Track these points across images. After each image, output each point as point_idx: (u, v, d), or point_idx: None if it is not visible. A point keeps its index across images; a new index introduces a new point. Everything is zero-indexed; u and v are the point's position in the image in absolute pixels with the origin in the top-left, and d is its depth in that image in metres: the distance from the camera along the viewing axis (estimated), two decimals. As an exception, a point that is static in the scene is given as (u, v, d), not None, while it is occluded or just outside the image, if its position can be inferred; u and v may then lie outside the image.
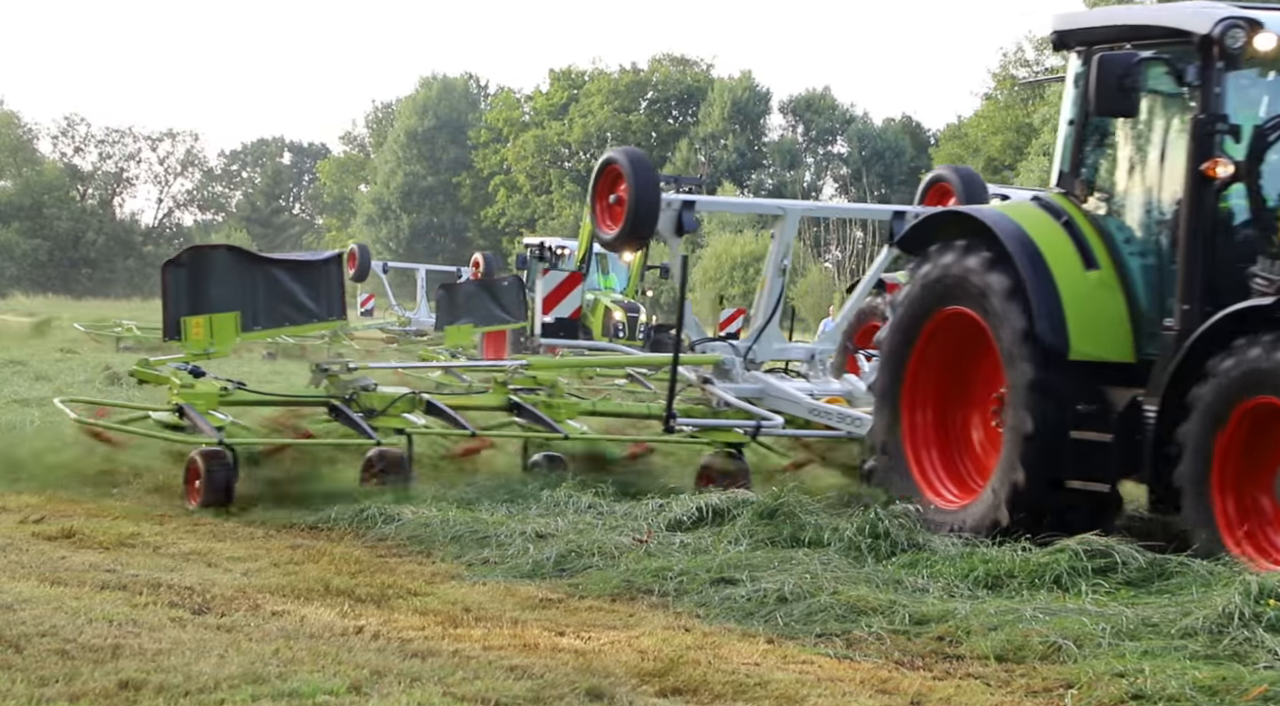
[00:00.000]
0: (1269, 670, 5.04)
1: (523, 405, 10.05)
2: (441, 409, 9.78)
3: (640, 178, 10.23)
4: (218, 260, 10.21)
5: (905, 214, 10.99)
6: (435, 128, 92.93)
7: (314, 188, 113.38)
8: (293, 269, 10.59)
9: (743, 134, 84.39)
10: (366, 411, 9.44)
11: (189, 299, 9.88)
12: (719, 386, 10.42)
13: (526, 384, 10.49)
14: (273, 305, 10.31)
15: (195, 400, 9.25)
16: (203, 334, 9.76)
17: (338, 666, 5.12)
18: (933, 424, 8.61)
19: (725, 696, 5.00)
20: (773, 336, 10.93)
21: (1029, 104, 63.72)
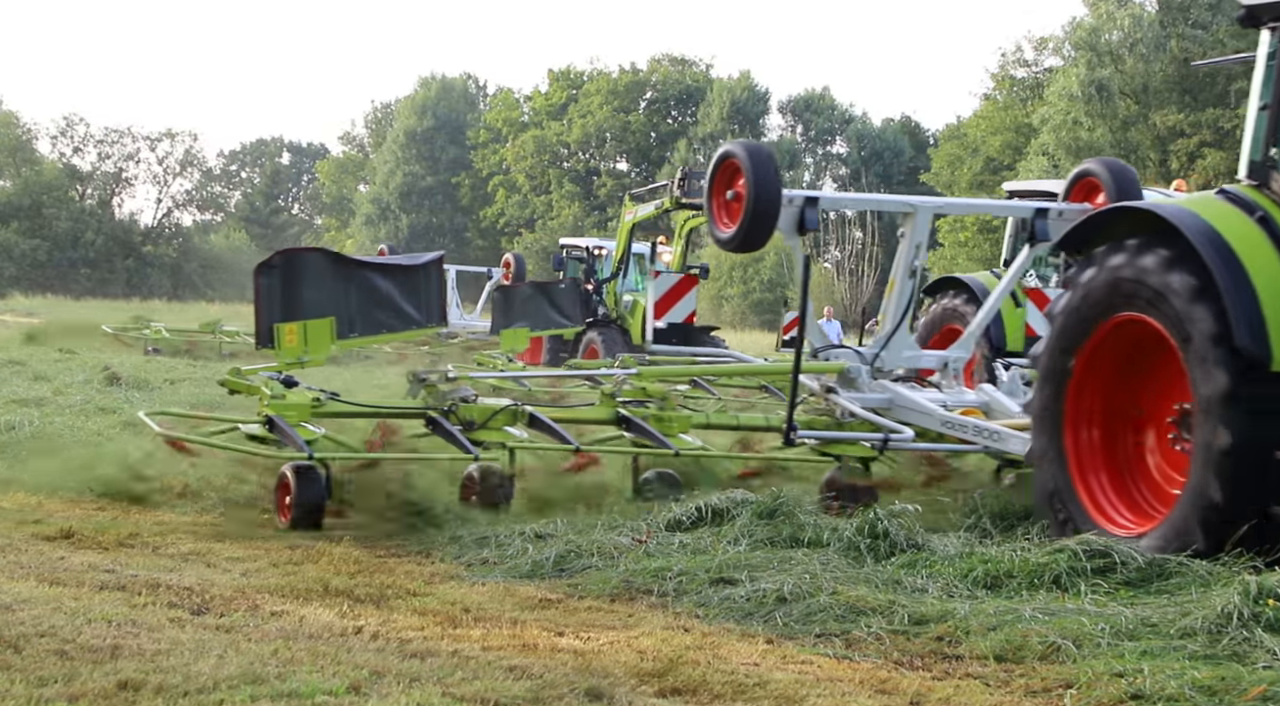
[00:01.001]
0: (1268, 670, 5.04)
1: (631, 418, 9.49)
2: (545, 422, 9.27)
3: (760, 173, 9.54)
4: (311, 263, 9.75)
5: (1048, 211, 10.33)
6: (434, 128, 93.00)
7: (313, 188, 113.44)
8: (390, 273, 10.14)
9: (742, 134, 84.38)
10: (465, 424, 9.00)
11: (282, 304, 9.38)
12: (843, 396, 9.76)
13: (635, 395, 9.86)
14: (369, 311, 9.84)
15: (286, 411, 8.75)
16: (296, 341, 9.25)
17: (337, 666, 5.12)
18: (1100, 444, 7.81)
19: (724, 696, 5.00)
20: (902, 343, 10.26)
21: (1028, 104, 63.75)
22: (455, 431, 8.89)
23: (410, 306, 10.05)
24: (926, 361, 10.58)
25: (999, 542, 7.41)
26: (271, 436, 8.73)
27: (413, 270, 10.28)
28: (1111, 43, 58.62)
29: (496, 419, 9.08)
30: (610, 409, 9.71)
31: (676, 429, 9.47)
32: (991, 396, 9.89)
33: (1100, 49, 58.50)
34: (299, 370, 9.35)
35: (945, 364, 10.46)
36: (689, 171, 22.03)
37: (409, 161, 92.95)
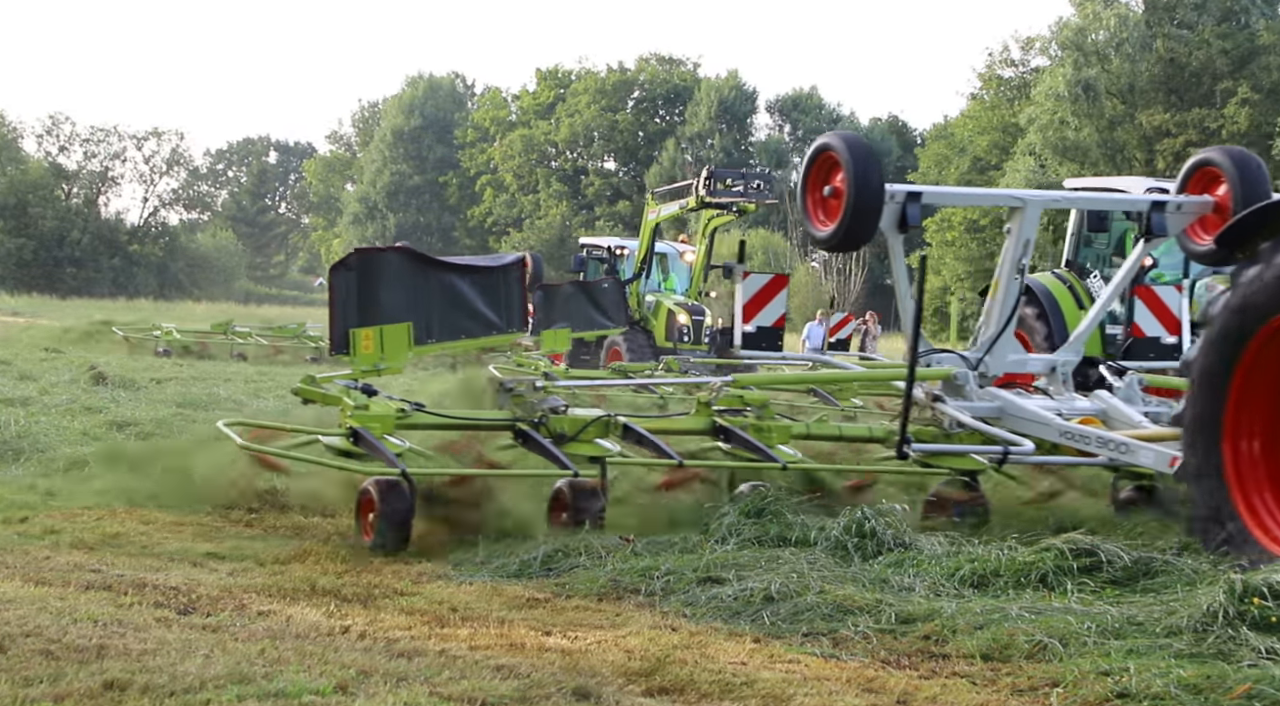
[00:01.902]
0: (1253, 668, 5.05)
1: (731, 429, 8.84)
2: (641, 434, 8.65)
3: (860, 166, 8.97)
4: (389, 264, 9.23)
5: (1165, 205, 9.67)
6: (422, 127, 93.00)
7: (300, 187, 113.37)
8: (471, 275, 9.64)
9: (729, 133, 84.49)
10: (556, 436, 8.42)
11: (358, 307, 8.90)
12: (951, 405, 9.07)
13: (732, 404, 9.25)
14: (448, 315, 9.39)
15: (370, 423, 8.16)
16: (373, 348, 8.79)
17: (324, 666, 5.11)
18: (1263, 458, 7.09)
19: (712, 695, 5.00)
20: (1007, 346, 9.58)
21: (1015, 104, 63.88)
22: (548, 444, 8.31)
23: (490, 310, 9.61)
24: (1033, 366, 10.04)
25: (985, 541, 7.41)
26: (356, 450, 8.17)
27: (493, 272, 9.83)
28: (1098, 42, 58.78)
29: (588, 431, 8.51)
30: (706, 418, 9.09)
31: (776, 440, 8.82)
32: (1109, 404, 9.17)
33: (1087, 49, 58.64)
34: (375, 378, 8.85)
35: (1053, 368, 9.81)
36: (714, 170, 21.70)
37: (396, 160, 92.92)
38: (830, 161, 9.23)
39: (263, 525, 8.52)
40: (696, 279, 24.36)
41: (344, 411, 8.34)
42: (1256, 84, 55.38)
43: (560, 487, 8.11)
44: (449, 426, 8.82)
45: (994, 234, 61.32)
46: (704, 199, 21.60)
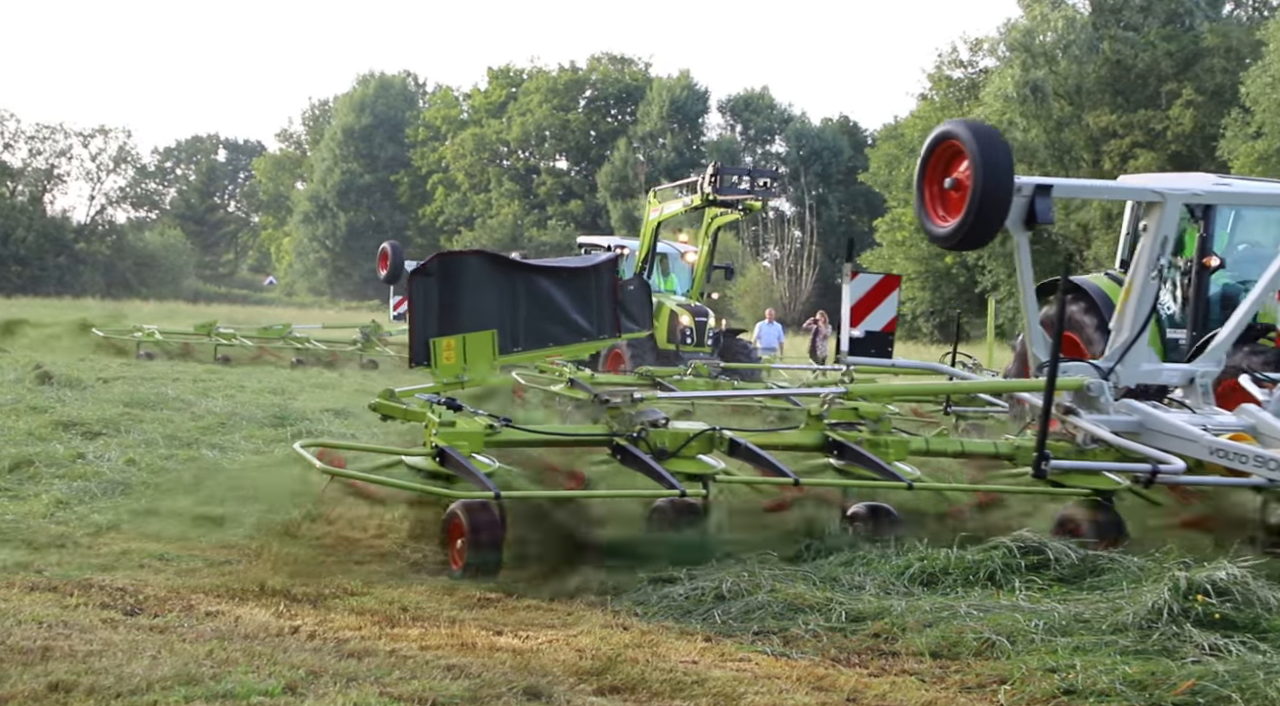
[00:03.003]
0: (1196, 665, 5.11)
1: (845, 444, 8.21)
2: (750, 449, 7.97)
3: (988, 156, 8.21)
4: (471, 268, 8.67)
5: None
6: (373, 125, 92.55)
7: (249, 185, 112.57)
8: (559, 277, 9.04)
9: (681, 133, 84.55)
10: (656, 452, 7.74)
11: (439, 315, 8.36)
12: (1087, 418, 8.38)
13: (845, 417, 8.56)
14: (535, 321, 8.82)
15: (457, 441, 7.53)
16: (455, 358, 8.23)
17: (273, 667, 5.08)
18: None
19: (663, 694, 5.01)
20: (1141, 355, 8.88)
21: (964, 105, 64.28)
22: (650, 460, 7.63)
23: (580, 315, 9.06)
24: (1169, 376, 9.21)
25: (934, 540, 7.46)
26: (443, 470, 7.55)
27: (583, 273, 9.20)
28: (1045, 44, 59.25)
29: (690, 446, 7.84)
30: (818, 432, 8.42)
31: (893, 455, 8.15)
32: (1258, 418, 8.40)
33: (1034, 50, 59.11)
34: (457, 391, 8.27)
35: (1191, 379, 8.99)
36: (721, 167, 21.15)
37: (347, 159, 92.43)
38: (952, 151, 8.55)
39: (209, 524, 8.42)
40: (699, 279, 23.50)
41: (428, 429, 7.70)
42: (1200, 86, 55.95)
43: (661, 507, 7.56)
44: (542, 442, 8.07)
45: (944, 234, 61.62)
46: (710, 196, 20.92)
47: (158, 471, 9.85)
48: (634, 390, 8.36)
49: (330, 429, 13.07)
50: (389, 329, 29.09)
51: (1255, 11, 62.08)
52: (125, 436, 11.79)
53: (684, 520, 7.45)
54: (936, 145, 8.69)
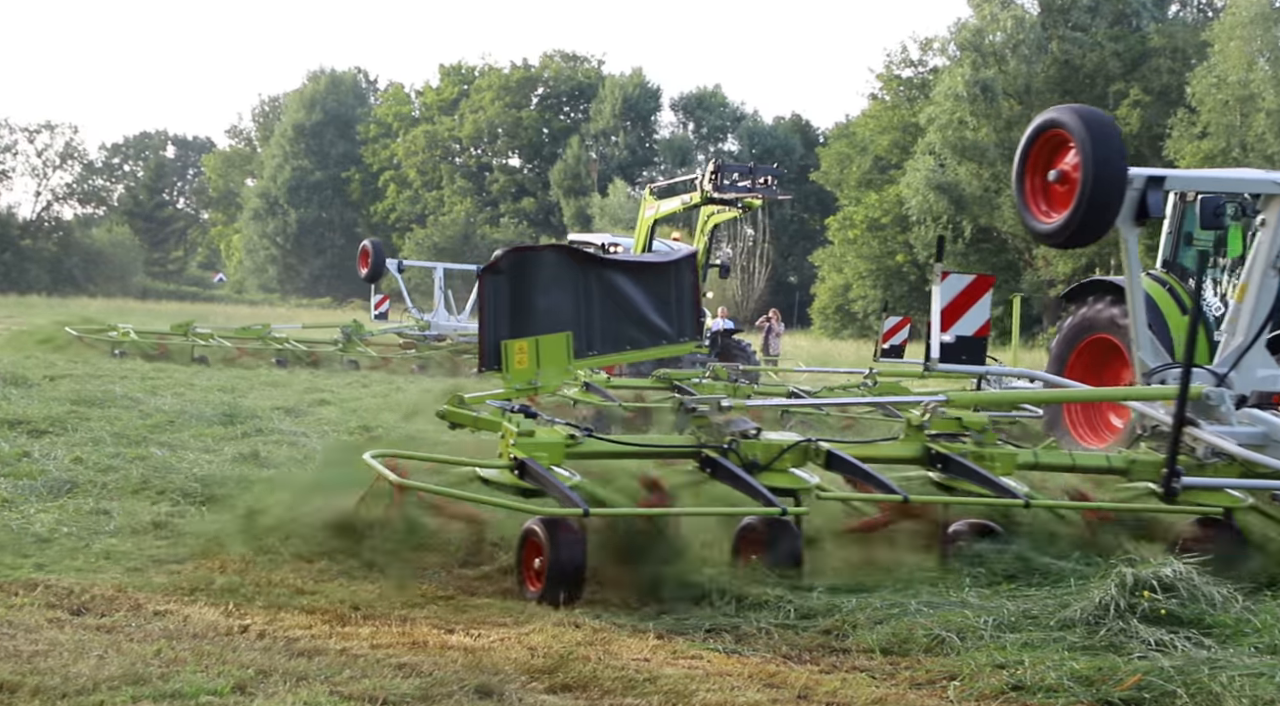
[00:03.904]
0: (1143, 660, 5.17)
1: (951, 456, 7.57)
2: (851, 463, 7.34)
3: (1100, 145, 7.52)
4: (545, 264, 8.07)
5: None
6: (323, 122, 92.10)
7: (199, 182, 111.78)
8: (637, 273, 8.40)
9: (634, 131, 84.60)
10: (747, 464, 7.16)
11: (511, 316, 7.79)
12: (1208, 430, 7.77)
13: (948, 427, 7.89)
14: (612, 323, 8.21)
15: (537, 452, 6.97)
16: (527, 362, 7.70)
17: (222, 666, 5.05)
18: None
19: (615, 692, 5.01)
20: (1257, 360, 8.37)
21: (914, 104, 64.65)
22: (744, 475, 7.02)
23: (659, 317, 8.43)
24: None
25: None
26: (523, 484, 7.00)
27: (663, 270, 8.59)
28: (995, 44, 59.69)
29: (783, 458, 7.25)
30: (918, 444, 7.80)
31: (1000, 469, 7.54)
32: None
33: (984, 50, 59.54)
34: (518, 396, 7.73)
35: None
36: (722, 164, 20.62)
37: (297, 156, 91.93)
38: (1058, 140, 7.91)
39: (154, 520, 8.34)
40: None
41: (505, 439, 7.13)
42: (1147, 86, 56.51)
43: (752, 524, 6.92)
44: (627, 454, 7.50)
45: (894, 232, 62.07)
46: (710, 194, 20.38)
47: (105, 470, 9.74)
48: (721, 398, 7.74)
49: (281, 427, 12.99)
50: (370, 329, 28.81)
51: (1200, 13, 62.80)
52: (72, 435, 11.67)
53: (778, 541, 6.74)
54: (1039, 134, 8.10)
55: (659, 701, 4.92)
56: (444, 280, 31.92)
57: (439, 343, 28.12)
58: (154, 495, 8.94)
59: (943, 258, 11.98)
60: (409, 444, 8.78)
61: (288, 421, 13.79)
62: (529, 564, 6.63)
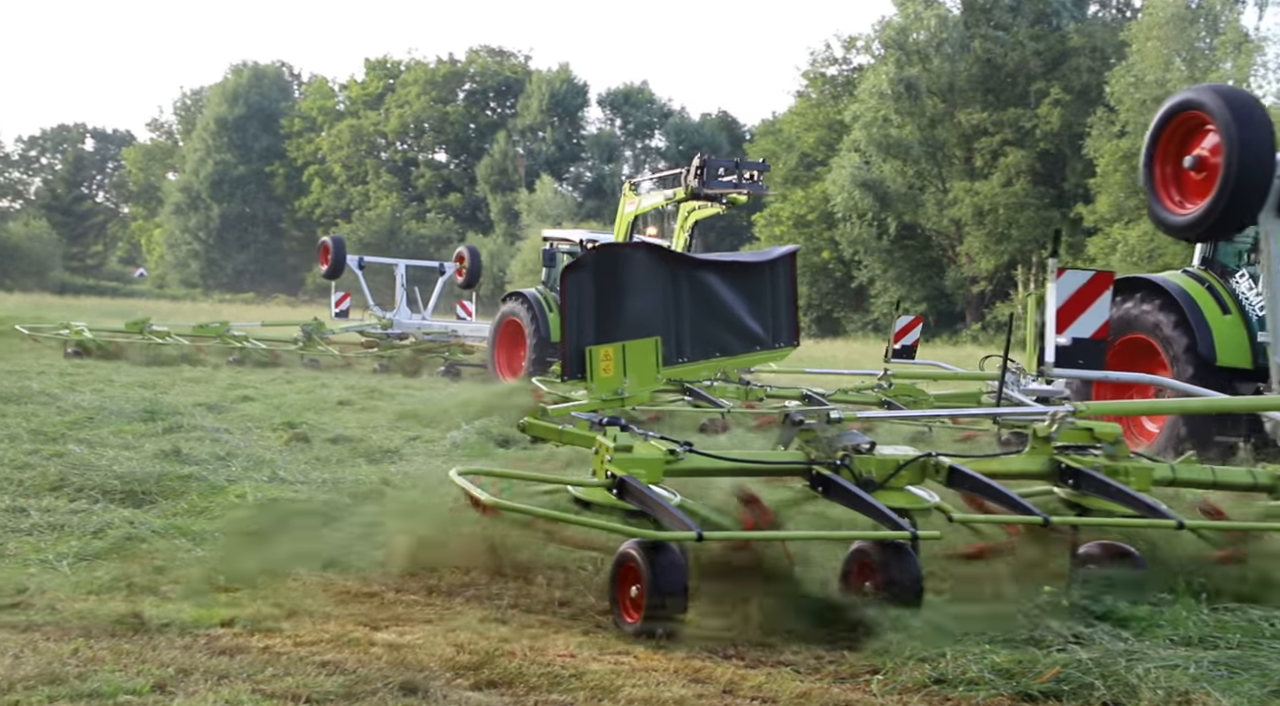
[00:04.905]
0: (1062, 653, 5.23)
1: (1084, 471, 6.85)
2: (977, 480, 6.61)
3: (1246, 128, 6.81)
4: (634, 263, 7.56)
5: None
6: (246, 116, 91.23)
7: (119, 175, 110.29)
8: (731, 273, 7.87)
9: (561, 126, 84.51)
10: (861, 482, 6.50)
11: (596, 320, 7.31)
12: None
13: (1079, 439, 7.13)
14: (703, 327, 7.75)
15: (635, 469, 6.34)
16: (613, 369, 7.17)
17: (141, 665, 4.98)
18: None
19: (540, 688, 5.00)
20: None
21: (840, 101, 65.08)
22: (864, 495, 6.34)
23: (754, 321, 7.95)
24: None
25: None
26: (621, 504, 6.36)
27: (757, 270, 8.03)
28: (919, 42, 60.25)
29: (900, 475, 6.57)
30: (1045, 457, 7.07)
31: (1135, 485, 6.83)
32: None
33: (908, 48, 60.09)
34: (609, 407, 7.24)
35: None
36: (707, 159, 20.19)
37: (220, 149, 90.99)
38: (1194, 123, 7.27)
39: (75, 512, 8.22)
40: None
41: (600, 455, 6.50)
42: (1068, 85, 57.28)
43: (864, 548, 6.17)
44: (731, 471, 6.81)
45: (820, 229, 62.45)
46: (695, 189, 19.98)
47: (22, 467, 9.58)
48: (830, 408, 7.00)
49: (203, 423, 12.85)
50: (331, 327, 28.28)
51: (1119, 13, 63.73)
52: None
53: (896, 568, 6.05)
54: (1173, 116, 7.32)
55: (584, 697, 4.92)
56: (405, 277, 31.29)
57: (401, 342, 27.62)
58: (72, 492, 8.80)
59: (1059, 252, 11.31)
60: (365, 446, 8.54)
61: (210, 418, 13.64)
62: (624, 592, 5.97)
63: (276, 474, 9.53)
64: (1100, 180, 52.49)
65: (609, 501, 6.38)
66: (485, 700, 4.84)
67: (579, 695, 4.95)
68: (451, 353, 26.38)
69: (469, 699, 4.85)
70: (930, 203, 60.05)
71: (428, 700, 4.80)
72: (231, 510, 8.23)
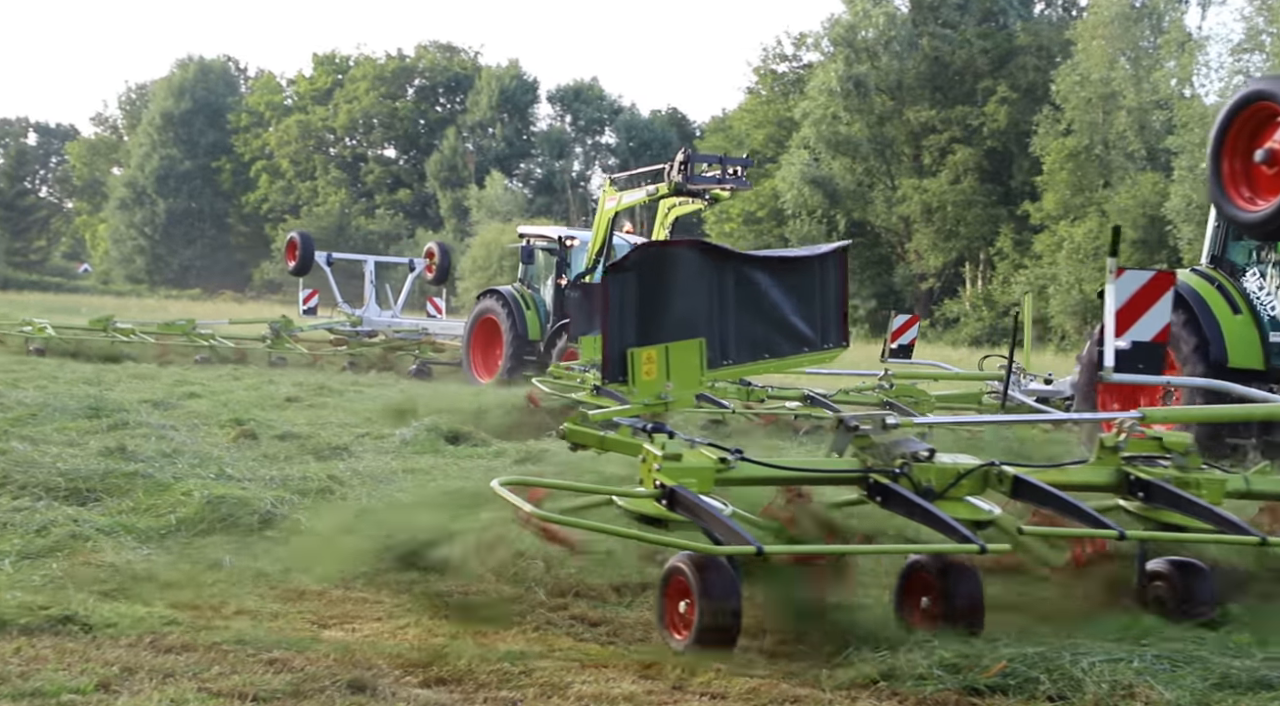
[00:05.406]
0: (1008, 647, 5.28)
1: (1155, 483, 6.37)
2: (1045, 491, 6.17)
3: None
4: (680, 262, 7.24)
5: None
6: (193, 111, 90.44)
7: (63, 170, 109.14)
8: (780, 270, 7.55)
9: (511, 123, 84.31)
10: (921, 491, 6.06)
11: (638, 321, 7.02)
12: None
13: (1147, 448, 6.68)
14: (749, 327, 7.40)
15: (685, 478, 5.97)
16: (656, 373, 6.93)
17: (85, 664, 4.93)
18: None
19: (490, 685, 4.99)
20: None
21: (789, 98, 65.28)
22: (928, 505, 5.90)
23: (803, 320, 7.58)
24: None
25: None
26: (673, 516, 5.90)
27: (806, 266, 7.69)
28: (868, 40, 60.51)
29: (960, 485, 6.14)
30: (1113, 468, 6.60)
31: (1207, 497, 6.37)
32: None
33: (857, 46, 60.35)
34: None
35: None
36: (691, 154, 19.78)
37: (166, 145, 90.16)
38: (1265, 114, 6.82)
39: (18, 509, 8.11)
40: None
41: (648, 463, 6.11)
42: (1014, 83, 57.70)
43: (921, 564, 5.75)
44: (783, 480, 6.40)
45: (770, 225, 62.61)
46: (679, 184, 19.43)
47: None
48: (886, 414, 6.55)
49: (148, 420, 12.72)
50: (299, 324, 27.77)
51: (1065, 12, 64.27)
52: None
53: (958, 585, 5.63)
54: (1242, 108, 6.91)
55: (534, 694, 4.91)
56: (374, 274, 30.74)
57: (371, 339, 27.23)
58: (15, 490, 8.68)
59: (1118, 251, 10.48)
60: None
61: (156, 414, 13.51)
62: (672, 608, 5.64)
63: (224, 471, 9.44)
64: (1047, 178, 52.90)
65: (656, 511, 5.95)
66: (434, 697, 4.83)
67: (528, 691, 4.94)
68: (422, 351, 26.13)
69: (417, 696, 4.83)
70: (879, 200, 60.35)
71: (376, 698, 4.77)
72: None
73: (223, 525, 7.75)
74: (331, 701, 4.69)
